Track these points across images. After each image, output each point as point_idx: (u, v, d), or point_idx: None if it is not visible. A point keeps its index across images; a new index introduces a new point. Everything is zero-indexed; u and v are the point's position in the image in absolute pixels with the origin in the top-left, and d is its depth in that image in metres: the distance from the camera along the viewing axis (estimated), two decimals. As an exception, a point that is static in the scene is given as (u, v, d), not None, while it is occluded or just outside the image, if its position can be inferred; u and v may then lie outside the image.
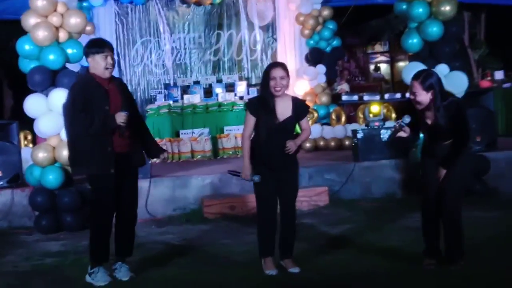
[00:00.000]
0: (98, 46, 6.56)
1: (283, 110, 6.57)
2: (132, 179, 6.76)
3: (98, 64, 6.47)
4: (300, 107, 6.70)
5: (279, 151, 6.49)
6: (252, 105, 6.66)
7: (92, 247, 6.67)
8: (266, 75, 6.55)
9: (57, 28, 9.28)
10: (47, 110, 9.22)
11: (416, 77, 6.25)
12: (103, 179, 6.47)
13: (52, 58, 9.19)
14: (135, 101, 7.24)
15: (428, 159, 6.43)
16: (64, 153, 9.10)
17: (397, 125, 6.39)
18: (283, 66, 6.67)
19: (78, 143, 6.47)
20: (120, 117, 6.37)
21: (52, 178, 9.25)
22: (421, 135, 6.58)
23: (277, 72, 6.51)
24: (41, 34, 9.10)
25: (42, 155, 9.30)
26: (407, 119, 6.31)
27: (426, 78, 6.19)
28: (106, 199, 6.54)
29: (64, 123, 6.67)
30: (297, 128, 6.87)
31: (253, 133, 6.63)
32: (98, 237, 6.63)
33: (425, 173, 6.46)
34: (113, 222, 6.71)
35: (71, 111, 6.44)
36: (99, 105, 6.41)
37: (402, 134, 6.36)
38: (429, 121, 6.28)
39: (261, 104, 6.57)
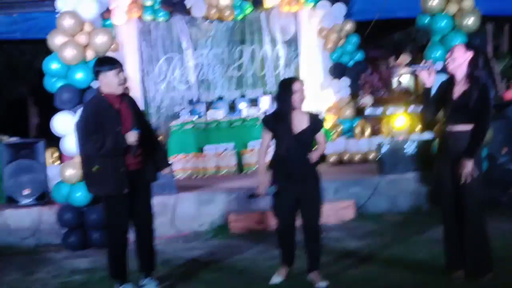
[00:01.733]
0: (109, 63, 6.60)
1: (300, 122, 6.68)
2: (146, 193, 6.79)
3: (111, 81, 6.49)
4: (315, 120, 6.84)
5: (298, 163, 6.60)
6: (268, 121, 6.77)
7: (110, 265, 6.75)
8: (288, 89, 6.61)
9: (84, 47, 9.37)
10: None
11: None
12: (117, 199, 6.53)
13: (79, 77, 9.27)
14: (146, 116, 7.21)
15: (442, 162, 6.42)
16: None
17: (427, 64, 6.46)
18: (301, 80, 6.82)
19: (91, 163, 6.50)
20: (132, 137, 6.40)
21: (80, 196, 9.30)
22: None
23: (299, 86, 6.64)
24: (69, 53, 9.19)
25: (70, 172, 9.35)
26: (439, 65, 6.48)
27: (470, 45, 6.49)
28: (119, 218, 6.60)
29: (77, 142, 6.67)
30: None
31: (273, 147, 6.73)
32: (114, 254, 6.72)
33: (441, 183, 6.47)
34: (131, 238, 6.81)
35: (83, 133, 6.45)
36: (110, 127, 6.43)
37: (424, 74, 6.39)
38: (455, 95, 6.29)
39: (278, 118, 6.67)
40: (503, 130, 10.56)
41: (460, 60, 6.24)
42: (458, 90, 6.28)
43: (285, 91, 6.65)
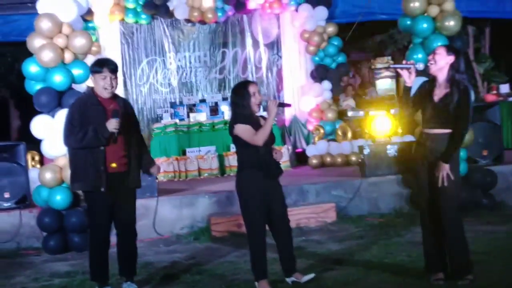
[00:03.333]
0: (98, 65, 6.67)
1: (261, 122, 6.64)
2: (129, 197, 6.78)
3: (97, 84, 6.60)
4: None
5: (272, 161, 6.59)
6: (243, 119, 6.51)
7: (90, 265, 6.75)
8: (245, 93, 6.53)
9: (62, 50, 9.32)
10: (53, 131, 9.23)
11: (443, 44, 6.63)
12: (95, 196, 6.56)
13: (58, 79, 9.21)
14: (137, 122, 7.21)
15: (420, 165, 6.42)
16: (71, 173, 9.14)
17: (409, 63, 6.46)
18: (255, 82, 6.79)
19: (74, 159, 6.61)
20: (111, 124, 6.41)
21: (60, 199, 9.26)
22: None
23: (255, 88, 6.58)
24: (47, 56, 9.14)
25: (49, 175, 9.31)
26: (421, 65, 6.45)
27: (452, 47, 6.54)
28: (99, 216, 6.62)
29: (63, 138, 6.71)
30: None
31: (246, 149, 6.59)
32: (94, 256, 6.72)
33: (419, 185, 6.48)
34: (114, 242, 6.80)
35: (67, 127, 6.54)
36: (95, 122, 6.47)
37: (405, 75, 6.38)
38: (435, 97, 6.29)
39: (248, 120, 6.53)
40: (484, 132, 10.62)
41: (442, 63, 6.25)
42: (439, 92, 6.29)
43: (242, 95, 6.55)
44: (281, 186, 6.78)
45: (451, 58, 6.25)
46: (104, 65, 6.63)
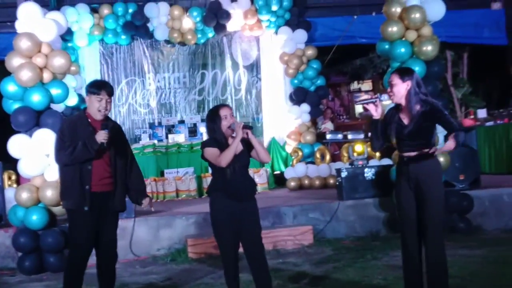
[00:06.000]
0: (96, 87, 6.62)
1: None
2: (113, 220, 6.72)
3: (92, 105, 6.55)
4: (246, 142, 6.58)
5: (243, 181, 6.45)
6: (211, 143, 6.45)
7: (64, 284, 6.64)
8: (215, 117, 6.47)
9: (41, 69, 9.29)
10: (30, 150, 9.19)
11: (394, 70, 6.50)
12: (78, 215, 6.49)
13: (36, 99, 9.18)
14: (129, 146, 7.12)
15: (404, 188, 6.38)
16: (48, 193, 9.09)
17: (374, 97, 6.47)
18: (228, 105, 6.72)
19: (63, 177, 6.57)
20: (100, 135, 6.37)
21: (36, 219, 9.19)
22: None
23: (226, 111, 6.49)
24: (25, 75, 9.11)
25: (25, 195, 9.25)
26: (385, 96, 6.44)
27: (404, 70, 6.44)
28: (80, 235, 6.52)
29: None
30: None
31: (214, 172, 6.53)
32: (69, 274, 6.62)
33: (402, 207, 6.40)
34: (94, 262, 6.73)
35: (58, 143, 6.51)
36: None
37: (372, 108, 6.39)
38: (405, 121, 6.29)
39: (217, 143, 6.45)
40: (461, 156, 10.66)
41: (402, 92, 6.25)
42: (407, 116, 6.28)
43: (213, 119, 6.49)
44: (256, 208, 6.59)
45: (408, 84, 6.24)
46: (102, 88, 6.61)
